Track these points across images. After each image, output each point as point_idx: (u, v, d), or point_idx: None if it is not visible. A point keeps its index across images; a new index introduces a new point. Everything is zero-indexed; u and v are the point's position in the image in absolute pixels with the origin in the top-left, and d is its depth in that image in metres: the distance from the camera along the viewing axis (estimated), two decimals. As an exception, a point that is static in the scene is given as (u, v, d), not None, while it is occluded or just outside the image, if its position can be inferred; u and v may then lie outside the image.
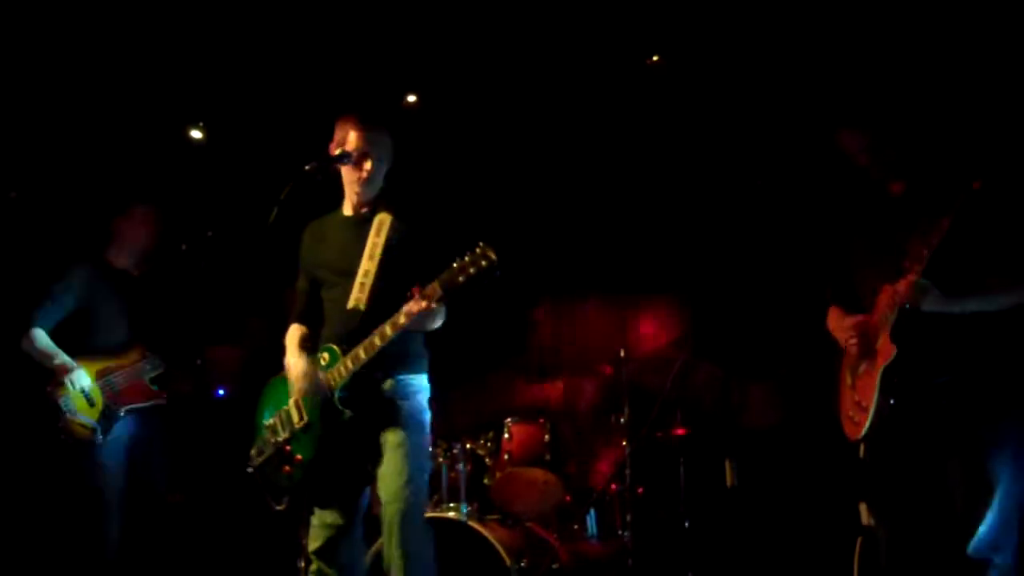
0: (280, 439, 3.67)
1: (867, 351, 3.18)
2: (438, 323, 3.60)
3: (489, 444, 4.96)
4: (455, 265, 3.27)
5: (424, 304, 3.34)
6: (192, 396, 4.89)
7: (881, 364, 3.10)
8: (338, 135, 3.70)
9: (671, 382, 4.72)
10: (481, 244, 3.24)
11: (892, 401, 3.09)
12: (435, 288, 3.32)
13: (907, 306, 3.05)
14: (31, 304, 4.58)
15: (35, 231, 5.46)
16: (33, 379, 4.56)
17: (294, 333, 3.83)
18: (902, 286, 3.05)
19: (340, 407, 3.53)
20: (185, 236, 4.85)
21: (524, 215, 5.87)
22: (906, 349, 3.06)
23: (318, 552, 3.63)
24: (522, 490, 4.90)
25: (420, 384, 3.67)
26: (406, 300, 3.41)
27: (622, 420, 5.01)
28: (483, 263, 3.22)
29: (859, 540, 3.92)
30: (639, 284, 5.63)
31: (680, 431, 5.11)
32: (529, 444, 4.95)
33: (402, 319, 3.38)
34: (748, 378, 5.18)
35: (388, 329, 3.43)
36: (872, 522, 3.32)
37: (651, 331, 5.50)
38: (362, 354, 3.48)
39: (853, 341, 3.22)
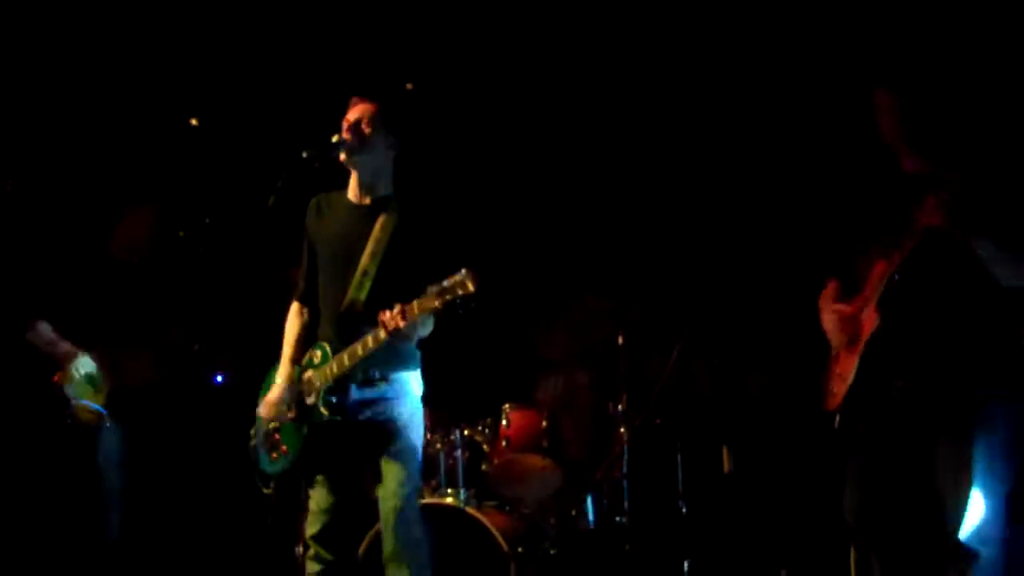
0: (271, 426, 3.69)
1: (854, 339, 3.17)
2: (425, 332, 3.57)
3: (487, 430, 4.96)
4: (434, 288, 3.23)
5: (396, 324, 3.31)
6: (190, 382, 4.90)
7: (865, 335, 3.09)
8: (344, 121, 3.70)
9: (669, 369, 4.72)
10: (464, 271, 3.18)
11: (871, 374, 3.09)
12: (412, 309, 3.30)
13: (898, 285, 3.01)
14: (35, 295, 4.61)
15: (34, 222, 5.46)
16: (37, 370, 4.59)
17: (292, 322, 3.83)
18: (930, 203, 2.91)
19: (323, 410, 3.54)
20: (183, 223, 4.85)
21: (521, 208, 5.86)
22: (890, 320, 3.04)
23: (316, 537, 3.65)
24: (520, 476, 4.91)
25: (413, 380, 3.67)
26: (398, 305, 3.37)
27: (620, 407, 5.02)
28: (459, 291, 3.17)
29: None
30: (636, 271, 5.62)
31: (677, 417, 5.11)
32: (527, 430, 4.95)
33: (382, 334, 3.37)
34: (745, 364, 5.19)
35: (370, 341, 3.42)
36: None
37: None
38: (346, 360, 3.49)
39: (838, 337, 3.22)
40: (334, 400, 3.54)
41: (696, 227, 5.48)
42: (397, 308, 3.31)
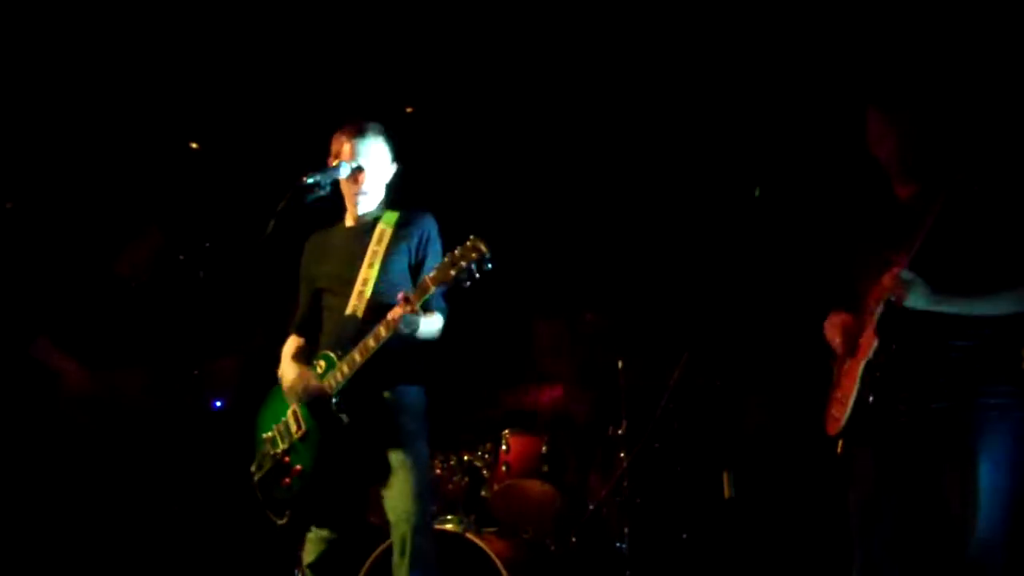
0: (279, 451, 3.66)
1: (852, 348, 3.16)
2: (434, 329, 3.58)
3: (487, 455, 4.95)
4: (446, 259, 3.26)
5: (410, 307, 3.32)
6: (189, 407, 4.89)
7: (862, 358, 3.08)
8: (334, 148, 3.71)
9: (668, 392, 4.71)
10: (472, 237, 3.23)
11: (871, 399, 3.07)
12: (426, 284, 3.31)
13: (892, 299, 3.02)
14: (42, 311, 4.61)
15: (34, 242, 5.46)
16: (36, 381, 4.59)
17: (290, 345, 3.83)
18: (887, 279, 3.00)
19: (338, 413, 3.50)
20: (183, 247, 4.85)
21: (524, 224, 5.87)
22: (888, 343, 3.03)
23: (313, 565, 3.63)
24: (520, 502, 4.89)
25: (418, 395, 3.66)
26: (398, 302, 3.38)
27: (620, 431, 5.00)
28: (474, 255, 3.21)
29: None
30: (636, 293, 5.63)
31: (677, 442, 5.10)
32: (527, 455, 4.94)
33: (398, 312, 3.35)
34: (746, 387, 5.18)
35: (382, 330, 3.39)
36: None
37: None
38: (357, 357, 3.45)
39: (837, 340, 3.21)
40: (346, 402, 3.50)
41: (696, 249, 5.49)
42: (422, 281, 3.33)
